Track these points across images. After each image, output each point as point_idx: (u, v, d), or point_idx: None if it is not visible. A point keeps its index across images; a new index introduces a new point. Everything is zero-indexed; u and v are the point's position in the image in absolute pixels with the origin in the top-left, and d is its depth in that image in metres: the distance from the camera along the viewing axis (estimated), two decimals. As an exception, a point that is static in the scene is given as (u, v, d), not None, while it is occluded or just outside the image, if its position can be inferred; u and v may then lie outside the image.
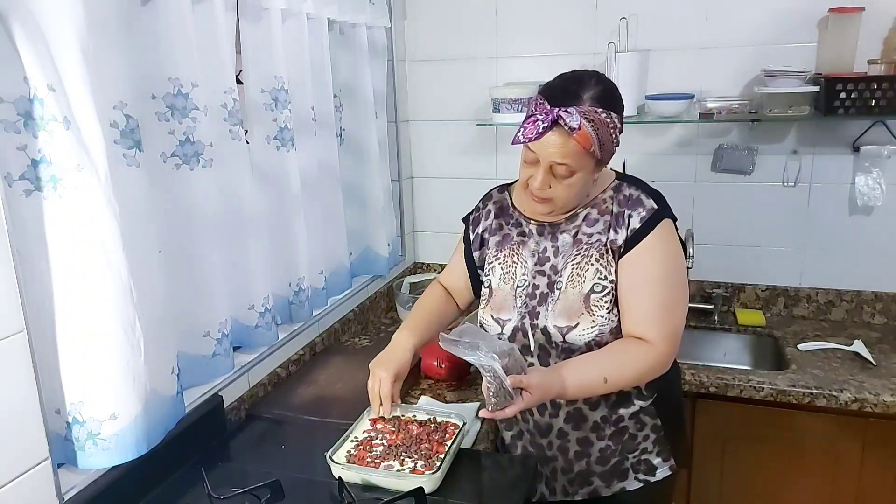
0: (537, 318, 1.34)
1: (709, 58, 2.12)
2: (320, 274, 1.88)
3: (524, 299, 1.36)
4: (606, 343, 1.29)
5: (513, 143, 1.23)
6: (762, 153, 2.14)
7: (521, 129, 1.22)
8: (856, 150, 2.04)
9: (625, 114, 1.19)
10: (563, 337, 1.30)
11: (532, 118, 1.20)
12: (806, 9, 2.00)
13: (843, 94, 1.88)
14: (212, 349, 1.45)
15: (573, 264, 1.32)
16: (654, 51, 2.15)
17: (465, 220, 1.53)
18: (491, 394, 1.19)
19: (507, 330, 1.37)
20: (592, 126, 1.18)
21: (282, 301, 1.76)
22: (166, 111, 1.30)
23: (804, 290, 2.20)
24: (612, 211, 1.31)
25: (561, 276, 1.33)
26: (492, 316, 1.40)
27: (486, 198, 1.50)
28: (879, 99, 1.86)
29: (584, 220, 1.33)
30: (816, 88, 1.94)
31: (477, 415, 1.50)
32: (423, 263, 2.61)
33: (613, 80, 1.28)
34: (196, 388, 1.44)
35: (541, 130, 1.18)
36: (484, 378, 1.20)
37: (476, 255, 1.48)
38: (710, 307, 2.24)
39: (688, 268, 2.14)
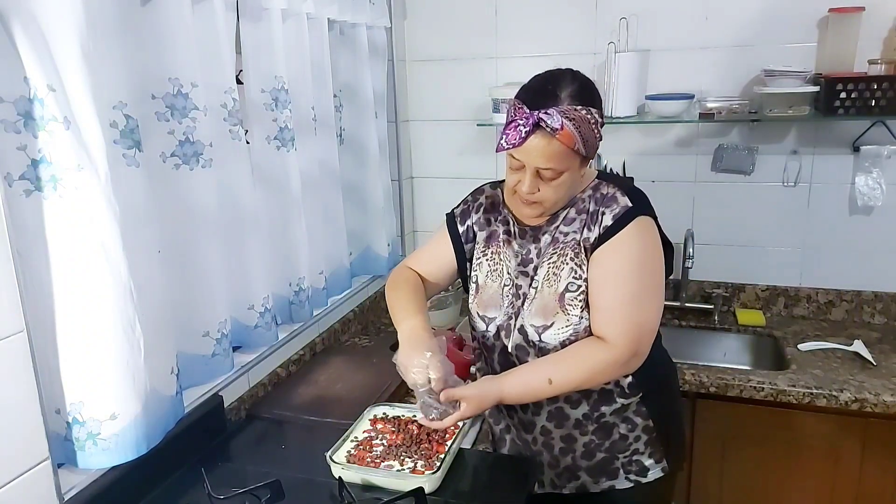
0: (517, 318, 1.33)
1: (709, 58, 2.12)
2: (320, 274, 1.88)
3: (510, 299, 1.36)
4: None
5: (497, 151, 1.22)
6: (762, 153, 2.14)
7: (504, 136, 1.19)
8: (856, 150, 2.04)
9: (625, 114, 1.18)
10: (540, 336, 1.30)
11: (513, 123, 1.18)
12: (806, 9, 2.00)
13: (843, 94, 1.88)
14: (211, 349, 1.45)
15: (549, 263, 1.31)
16: (654, 51, 2.15)
17: (451, 214, 1.48)
18: (431, 408, 1.24)
19: (492, 328, 1.37)
20: (574, 124, 1.16)
21: (282, 301, 1.76)
22: (166, 111, 1.30)
23: (804, 290, 2.20)
24: (588, 209, 1.30)
25: (538, 276, 1.32)
26: (478, 313, 1.40)
27: (477, 192, 1.47)
28: (879, 99, 1.86)
29: (562, 220, 1.32)
30: (816, 88, 1.95)
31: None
32: (423, 263, 2.61)
33: (613, 80, 1.27)
34: (196, 388, 1.44)
35: (523, 135, 1.17)
36: (417, 393, 1.25)
37: (467, 247, 1.45)
38: (710, 307, 2.24)
39: (687, 268, 2.17)
